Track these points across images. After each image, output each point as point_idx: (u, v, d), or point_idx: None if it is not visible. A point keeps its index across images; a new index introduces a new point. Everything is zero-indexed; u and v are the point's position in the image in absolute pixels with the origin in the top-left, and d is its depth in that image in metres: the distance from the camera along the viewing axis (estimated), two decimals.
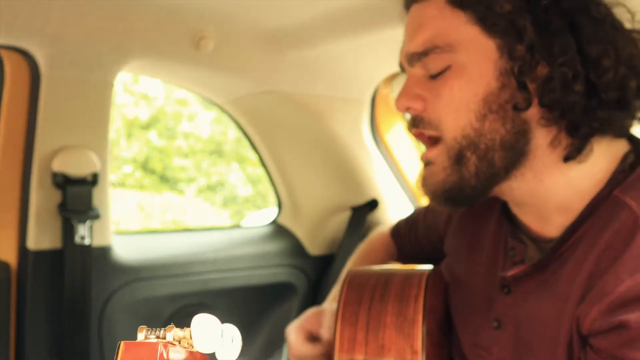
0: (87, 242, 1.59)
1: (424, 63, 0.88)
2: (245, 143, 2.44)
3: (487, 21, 0.83)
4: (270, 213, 2.31)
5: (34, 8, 1.36)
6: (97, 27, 1.46)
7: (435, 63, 0.86)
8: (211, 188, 8.64)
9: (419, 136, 0.91)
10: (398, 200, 2.14)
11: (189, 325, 0.58)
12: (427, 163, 0.91)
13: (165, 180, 8.39)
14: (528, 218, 0.94)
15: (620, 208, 0.82)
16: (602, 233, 0.81)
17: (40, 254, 1.58)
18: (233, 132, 8.54)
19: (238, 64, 1.71)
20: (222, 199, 8.63)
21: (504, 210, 0.99)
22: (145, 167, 8.27)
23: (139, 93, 8.30)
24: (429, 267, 1.04)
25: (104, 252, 1.67)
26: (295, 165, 2.05)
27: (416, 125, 0.90)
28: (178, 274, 1.82)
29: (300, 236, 2.10)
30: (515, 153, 0.86)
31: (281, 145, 2.02)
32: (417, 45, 0.87)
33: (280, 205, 2.16)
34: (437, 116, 0.87)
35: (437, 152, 0.88)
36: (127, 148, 8.13)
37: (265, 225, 2.18)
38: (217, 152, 8.79)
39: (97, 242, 1.64)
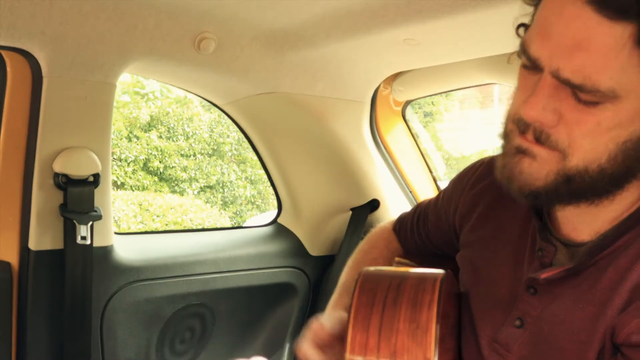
0: (88, 242, 1.59)
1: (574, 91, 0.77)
2: (246, 144, 2.43)
3: None
4: (271, 215, 2.31)
5: (36, 9, 1.37)
6: (99, 29, 1.46)
7: (589, 97, 0.77)
8: (212, 188, 8.64)
9: (524, 147, 0.83)
10: (398, 201, 2.14)
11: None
12: (528, 153, 0.83)
13: (165, 180, 8.39)
14: (565, 220, 0.93)
15: None
16: None
17: (41, 254, 1.58)
18: (233, 133, 8.55)
19: (239, 65, 1.71)
20: (222, 200, 8.64)
21: (534, 207, 0.97)
22: (146, 167, 8.27)
23: (140, 94, 8.32)
24: (441, 271, 1.02)
25: (105, 253, 1.67)
26: (296, 166, 2.05)
27: (541, 141, 0.81)
28: (179, 275, 1.82)
29: (301, 237, 2.11)
30: (615, 187, 0.83)
31: (281, 146, 2.02)
32: (574, 76, 0.75)
33: (280, 206, 2.17)
34: (568, 139, 0.79)
35: (549, 157, 0.81)
36: (128, 149, 8.13)
37: (266, 226, 2.19)
38: (218, 152, 8.80)
39: (98, 242, 1.64)
